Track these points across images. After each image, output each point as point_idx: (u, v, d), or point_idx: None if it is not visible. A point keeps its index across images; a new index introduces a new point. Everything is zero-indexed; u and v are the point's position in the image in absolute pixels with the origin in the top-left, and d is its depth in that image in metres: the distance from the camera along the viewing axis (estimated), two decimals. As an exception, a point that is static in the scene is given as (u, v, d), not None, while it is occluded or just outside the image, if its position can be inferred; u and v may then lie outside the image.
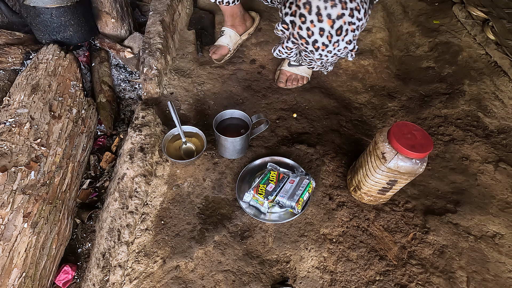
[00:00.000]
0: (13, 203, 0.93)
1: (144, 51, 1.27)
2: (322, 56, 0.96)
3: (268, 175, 1.03)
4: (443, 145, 1.24)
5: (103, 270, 0.92)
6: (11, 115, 1.11)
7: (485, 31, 1.51)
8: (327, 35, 0.88)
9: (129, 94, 1.52)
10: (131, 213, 0.99)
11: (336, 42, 0.90)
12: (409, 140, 0.85)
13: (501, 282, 0.93)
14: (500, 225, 1.03)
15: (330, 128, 1.27)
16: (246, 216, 1.02)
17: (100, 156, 1.32)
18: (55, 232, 1.00)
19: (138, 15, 1.82)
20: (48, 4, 1.32)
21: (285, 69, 1.38)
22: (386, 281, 0.92)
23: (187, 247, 0.96)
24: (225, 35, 1.44)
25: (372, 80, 1.49)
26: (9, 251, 0.87)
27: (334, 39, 0.89)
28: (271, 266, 0.94)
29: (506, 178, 1.14)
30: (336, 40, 0.90)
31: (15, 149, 1.02)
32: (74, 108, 1.24)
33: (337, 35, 0.88)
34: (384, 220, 1.03)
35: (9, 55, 1.35)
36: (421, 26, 1.69)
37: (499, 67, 1.44)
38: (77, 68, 1.39)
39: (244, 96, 1.35)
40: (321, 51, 0.94)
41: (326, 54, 0.95)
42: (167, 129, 1.19)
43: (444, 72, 1.49)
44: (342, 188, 1.09)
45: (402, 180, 0.91)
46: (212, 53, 1.42)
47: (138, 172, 1.04)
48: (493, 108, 1.35)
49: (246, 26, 1.49)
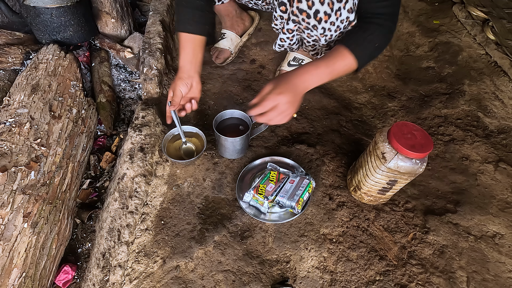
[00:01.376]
0: (13, 203, 0.93)
1: (144, 51, 1.27)
2: (325, 30, 0.94)
3: (268, 175, 1.03)
4: (443, 145, 1.24)
5: (103, 270, 0.92)
6: (11, 115, 1.11)
7: (485, 31, 1.51)
8: (328, 2, 0.87)
9: (129, 94, 1.53)
10: (131, 213, 0.99)
11: (338, 10, 0.89)
12: (409, 140, 0.85)
13: (501, 282, 0.93)
14: (500, 225, 1.03)
15: (330, 128, 1.27)
16: (246, 216, 1.02)
17: (100, 156, 1.32)
18: (55, 232, 1.00)
19: (138, 15, 1.82)
20: (48, 4, 1.32)
21: (285, 69, 1.38)
22: (386, 281, 0.92)
23: (187, 247, 0.96)
24: (226, 38, 1.43)
25: (372, 80, 1.49)
26: (9, 251, 0.87)
27: (335, 6, 0.88)
28: (271, 266, 0.94)
29: (506, 178, 1.14)
30: (337, 7, 0.88)
31: (15, 149, 1.02)
32: (74, 108, 1.24)
33: (338, 2, 0.87)
34: (384, 220, 1.03)
35: (9, 55, 1.35)
36: (421, 26, 1.69)
37: (499, 67, 1.44)
38: (77, 68, 1.39)
39: (244, 96, 1.35)
40: (324, 23, 0.92)
41: (330, 27, 0.93)
42: (167, 129, 1.19)
43: (444, 72, 1.49)
44: (342, 188, 1.09)
45: (402, 180, 0.91)
46: (215, 57, 1.43)
47: (138, 172, 1.04)
48: (493, 108, 1.35)
49: (245, 25, 1.49)
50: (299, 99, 0.87)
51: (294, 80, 0.85)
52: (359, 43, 0.88)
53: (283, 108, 0.83)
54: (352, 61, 0.87)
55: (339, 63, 0.87)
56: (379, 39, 0.89)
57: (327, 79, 0.87)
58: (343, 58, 0.87)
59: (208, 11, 1.00)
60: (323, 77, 0.87)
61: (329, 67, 0.87)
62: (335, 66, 0.87)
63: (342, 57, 0.87)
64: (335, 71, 0.88)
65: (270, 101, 0.83)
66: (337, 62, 0.87)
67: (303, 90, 0.87)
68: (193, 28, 0.97)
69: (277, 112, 0.84)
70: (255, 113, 0.86)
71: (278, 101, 0.82)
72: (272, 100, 0.83)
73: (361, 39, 0.88)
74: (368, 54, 0.89)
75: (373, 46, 0.89)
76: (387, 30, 0.89)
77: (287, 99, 0.83)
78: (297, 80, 0.85)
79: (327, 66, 0.86)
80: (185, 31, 0.97)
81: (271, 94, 0.83)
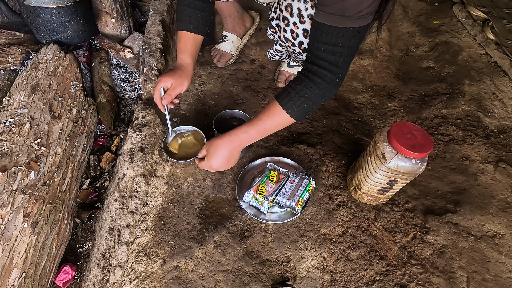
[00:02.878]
0: (13, 203, 0.93)
1: (144, 51, 1.27)
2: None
3: (268, 175, 1.03)
4: (443, 145, 1.23)
5: (103, 270, 0.92)
6: (11, 115, 1.11)
7: (485, 31, 1.51)
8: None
9: (129, 94, 1.52)
10: (131, 213, 0.99)
11: None
12: (409, 140, 0.85)
13: (501, 282, 0.93)
14: (500, 225, 1.03)
15: (330, 128, 1.27)
16: (246, 216, 1.02)
17: (100, 156, 1.32)
18: (55, 232, 1.00)
19: (138, 15, 1.82)
20: (48, 4, 1.32)
21: (285, 70, 1.38)
22: (386, 281, 0.92)
23: (187, 247, 0.96)
24: (227, 41, 1.43)
25: (372, 80, 1.49)
26: (9, 251, 0.87)
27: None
28: (271, 266, 0.94)
29: (506, 178, 1.14)
30: None
31: (15, 149, 1.02)
32: (74, 108, 1.24)
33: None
34: (384, 220, 1.03)
35: (9, 55, 1.35)
36: (421, 26, 1.69)
37: (499, 67, 1.44)
38: (77, 68, 1.39)
39: (244, 96, 1.35)
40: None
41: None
42: (167, 129, 1.19)
43: (444, 72, 1.49)
44: (342, 188, 1.09)
45: (402, 180, 0.91)
46: (217, 61, 1.44)
47: (138, 172, 1.04)
48: (493, 108, 1.35)
49: (246, 27, 1.49)
50: (234, 156, 0.95)
51: (224, 144, 0.92)
52: (290, 96, 0.84)
53: (215, 168, 0.94)
54: (285, 116, 0.87)
55: (270, 122, 0.89)
56: (311, 91, 0.83)
57: (259, 138, 0.93)
58: (274, 116, 0.88)
59: (208, 12, 1.02)
60: (253, 137, 0.92)
61: (260, 131, 0.90)
62: (266, 126, 0.90)
63: (273, 115, 0.88)
64: (267, 130, 0.91)
65: (206, 164, 0.94)
66: (267, 122, 0.89)
67: (235, 150, 0.94)
68: (194, 27, 0.99)
69: (212, 169, 0.95)
70: (200, 166, 0.98)
71: (210, 164, 0.93)
72: (206, 164, 0.94)
73: (292, 91, 0.84)
74: (301, 107, 0.85)
75: (303, 97, 0.84)
76: (323, 81, 0.81)
77: (219, 162, 0.93)
78: (228, 145, 0.92)
79: (257, 130, 0.90)
80: (186, 30, 0.99)
81: (206, 158, 0.94)
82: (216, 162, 0.93)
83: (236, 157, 0.96)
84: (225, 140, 0.92)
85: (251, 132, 0.91)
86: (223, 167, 0.94)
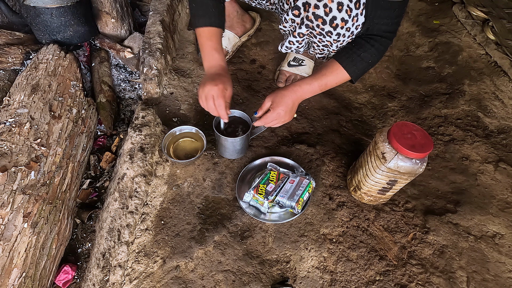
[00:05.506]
0: (13, 203, 0.93)
1: (144, 51, 1.27)
2: (340, 36, 0.94)
3: (268, 175, 1.03)
4: (443, 145, 1.24)
5: (103, 270, 0.92)
6: (11, 115, 1.11)
7: (485, 31, 1.51)
8: (346, 9, 0.86)
9: (129, 94, 1.52)
10: (131, 213, 0.99)
11: (355, 16, 0.88)
12: (409, 140, 0.85)
13: (501, 282, 0.93)
14: (500, 225, 1.03)
15: (330, 128, 1.27)
16: (246, 216, 1.02)
17: (100, 156, 1.32)
18: (55, 232, 1.00)
19: (138, 15, 1.82)
20: (48, 4, 1.32)
21: (285, 70, 1.38)
22: (386, 281, 0.92)
23: (187, 247, 0.96)
24: (223, 37, 1.43)
25: (372, 80, 1.49)
26: (9, 251, 0.87)
27: (353, 12, 0.87)
28: (271, 266, 0.94)
29: (506, 178, 1.14)
30: (355, 14, 0.87)
31: (15, 149, 1.02)
32: (74, 108, 1.24)
33: (356, 9, 0.86)
34: (384, 220, 1.03)
35: (9, 55, 1.35)
36: (421, 26, 1.69)
37: (499, 67, 1.44)
38: (77, 68, 1.39)
39: (244, 96, 1.35)
40: (339, 29, 0.91)
41: (345, 33, 0.92)
42: (167, 129, 1.19)
43: (444, 72, 1.49)
44: (342, 188, 1.09)
45: (402, 180, 0.91)
46: None
47: (138, 172, 1.04)
48: (493, 108, 1.35)
49: (245, 27, 1.48)
50: (294, 108, 0.99)
51: (289, 94, 0.96)
52: (353, 60, 0.94)
53: (281, 117, 0.97)
54: (345, 76, 0.96)
55: (332, 78, 0.96)
56: (372, 57, 0.94)
57: (319, 92, 0.98)
58: (336, 74, 0.96)
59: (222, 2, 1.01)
60: (315, 90, 0.98)
61: (322, 84, 0.97)
62: (328, 81, 0.97)
63: (336, 73, 0.96)
64: (328, 85, 0.98)
65: (273, 114, 0.96)
66: (329, 77, 0.96)
67: (297, 101, 0.98)
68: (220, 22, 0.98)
69: (277, 120, 0.98)
70: (260, 124, 0.99)
71: (278, 112, 0.96)
72: (273, 113, 0.96)
73: (355, 56, 0.93)
74: (361, 69, 0.96)
75: (366, 62, 0.94)
76: (382, 47, 0.93)
77: (284, 110, 0.96)
78: (292, 95, 0.96)
79: (319, 83, 0.96)
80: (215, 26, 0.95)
81: (271, 109, 0.96)
82: (283, 111, 0.95)
83: (294, 110, 0.99)
84: (290, 91, 0.96)
85: (314, 84, 0.96)
86: (287, 116, 0.97)
